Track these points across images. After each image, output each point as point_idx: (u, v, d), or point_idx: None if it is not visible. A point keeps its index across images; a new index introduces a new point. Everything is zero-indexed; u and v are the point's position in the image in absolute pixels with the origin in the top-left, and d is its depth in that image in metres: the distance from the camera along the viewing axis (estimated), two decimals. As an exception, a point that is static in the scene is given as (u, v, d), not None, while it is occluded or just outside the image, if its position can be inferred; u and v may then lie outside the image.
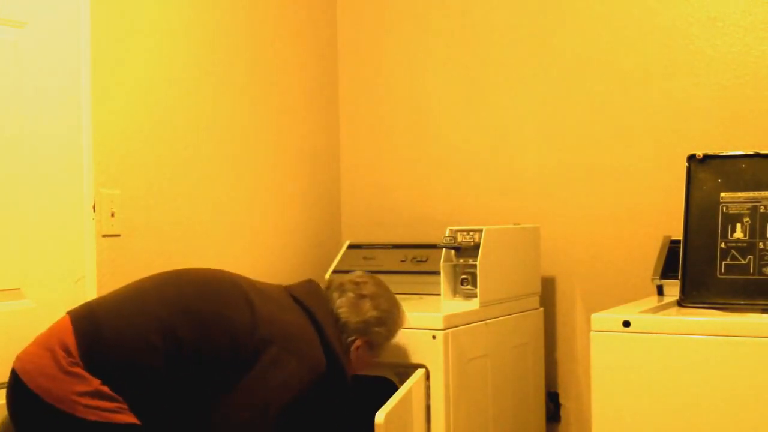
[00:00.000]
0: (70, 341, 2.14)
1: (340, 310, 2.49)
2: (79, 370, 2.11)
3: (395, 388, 2.63)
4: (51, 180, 2.57)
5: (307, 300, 2.46)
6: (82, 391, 2.09)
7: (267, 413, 2.26)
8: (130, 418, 2.11)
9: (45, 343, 2.17)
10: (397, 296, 3.14)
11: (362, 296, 2.52)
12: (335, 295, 2.52)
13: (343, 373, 2.46)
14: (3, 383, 2.27)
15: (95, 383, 2.10)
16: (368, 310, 2.51)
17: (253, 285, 2.43)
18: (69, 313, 2.23)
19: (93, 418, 2.08)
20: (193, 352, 2.21)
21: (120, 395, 2.11)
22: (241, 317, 2.30)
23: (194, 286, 2.34)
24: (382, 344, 2.57)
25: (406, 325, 2.65)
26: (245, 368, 2.25)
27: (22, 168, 2.50)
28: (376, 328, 2.53)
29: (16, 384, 2.15)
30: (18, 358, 2.19)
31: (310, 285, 2.55)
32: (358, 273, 2.65)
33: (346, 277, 2.60)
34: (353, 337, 2.50)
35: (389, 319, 2.56)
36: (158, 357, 2.17)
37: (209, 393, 2.23)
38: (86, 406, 2.08)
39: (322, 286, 2.58)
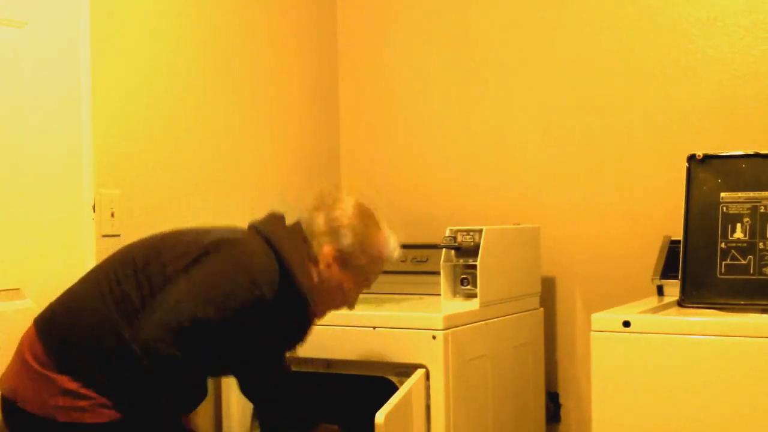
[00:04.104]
0: (36, 343, 2.14)
1: (308, 219, 2.31)
2: (46, 371, 2.09)
3: (395, 388, 2.63)
4: (51, 180, 2.56)
5: (262, 224, 2.31)
6: (53, 392, 2.07)
7: (208, 304, 2.09)
8: (99, 417, 2.05)
9: (17, 354, 2.18)
10: (397, 296, 3.15)
11: (336, 201, 2.34)
12: (304, 215, 2.35)
13: (300, 287, 2.22)
14: (3, 383, 2.28)
15: (62, 380, 2.06)
16: (340, 217, 2.30)
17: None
18: (34, 319, 2.23)
19: (62, 419, 2.06)
20: (145, 288, 2.12)
21: (92, 384, 2.06)
22: (187, 237, 2.24)
23: (140, 242, 2.30)
24: (357, 264, 2.32)
25: (404, 326, 2.66)
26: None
27: (22, 168, 2.50)
28: (346, 233, 2.29)
29: (3, 402, 2.16)
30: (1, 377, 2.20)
31: (272, 216, 2.37)
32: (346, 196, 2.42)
33: (330, 196, 2.39)
34: (321, 245, 2.28)
35: (365, 234, 2.32)
36: (110, 310, 2.10)
37: None
38: (56, 407, 2.07)
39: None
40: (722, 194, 2.61)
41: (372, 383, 2.71)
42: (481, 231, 2.86)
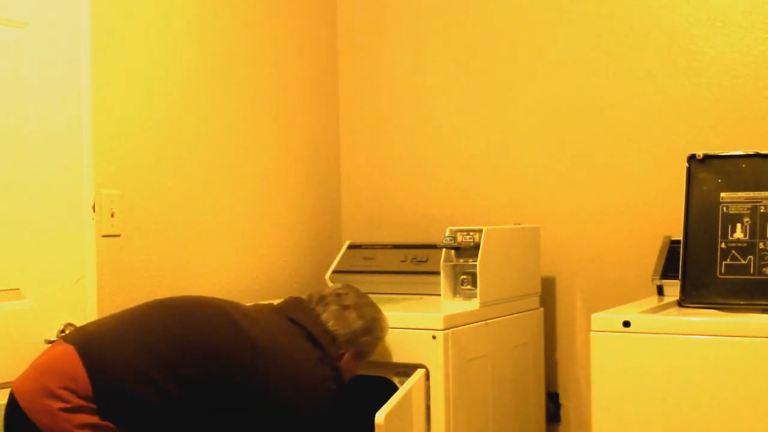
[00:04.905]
0: (80, 375, 2.11)
1: (327, 324, 2.49)
2: (81, 402, 2.10)
3: (395, 388, 2.63)
4: (51, 180, 2.57)
5: (301, 319, 2.47)
6: (82, 423, 2.08)
7: None
8: None
9: (47, 378, 2.12)
10: (397, 296, 3.16)
11: (346, 307, 2.53)
12: (319, 309, 2.52)
13: (342, 386, 2.47)
14: (3, 384, 2.28)
15: (96, 417, 2.09)
16: (354, 320, 2.53)
17: (238, 309, 2.43)
18: (72, 343, 2.19)
19: None
20: (193, 385, 2.21)
21: (124, 429, 2.12)
22: (235, 345, 2.30)
23: (185, 314, 2.35)
24: (369, 352, 2.59)
25: (404, 326, 2.67)
26: (257, 397, 2.28)
27: (23, 168, 2.50)
28: (364, 338, 2.55)
29: (15, 411, 2.12)
30: (18, 388, 2.15)
31: (299, 303, 2.56)
32: (337, 285, 2.68)
33: (326, 290, 2.61)
34: (343, 350, 2.51)
35: (375, 327, 2.59)
36: (159, 394, 2.16)
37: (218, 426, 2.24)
38: (78, 425, 2.07)
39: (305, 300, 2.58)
40: (722, 194, 2.61)
41: (372, 383, 2.71)
42: (481, 231, 2.86)
